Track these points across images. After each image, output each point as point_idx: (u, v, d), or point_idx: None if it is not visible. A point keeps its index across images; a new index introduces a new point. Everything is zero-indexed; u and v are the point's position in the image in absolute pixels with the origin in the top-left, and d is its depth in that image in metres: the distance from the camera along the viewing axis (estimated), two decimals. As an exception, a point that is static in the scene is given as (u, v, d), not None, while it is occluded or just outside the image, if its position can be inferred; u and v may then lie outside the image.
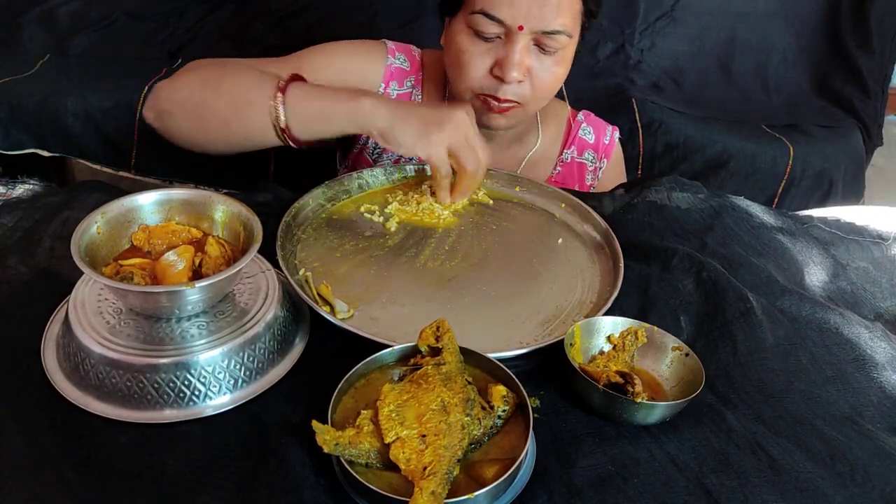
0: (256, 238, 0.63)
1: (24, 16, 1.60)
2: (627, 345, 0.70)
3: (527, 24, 0.93)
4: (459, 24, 0.99)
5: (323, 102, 0.89)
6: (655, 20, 1.76)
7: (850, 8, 1.75)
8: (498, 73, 0.98)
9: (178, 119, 0.93)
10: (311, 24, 1.66)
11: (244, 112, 0.89)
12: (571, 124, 1.24)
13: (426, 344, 0.63)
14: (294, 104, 0.88)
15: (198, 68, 0.97)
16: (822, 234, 0.98)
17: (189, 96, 0.93)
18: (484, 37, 0.97)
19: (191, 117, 0.92)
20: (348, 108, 0.88)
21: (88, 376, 0.61)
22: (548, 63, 0.99)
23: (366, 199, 0.97)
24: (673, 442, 0.62)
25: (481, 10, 0.94)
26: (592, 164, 1.24)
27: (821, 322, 0.79)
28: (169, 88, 0.95)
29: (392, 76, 1.13)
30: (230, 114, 0.90)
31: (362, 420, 0.57)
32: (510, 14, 0.93)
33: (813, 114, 1.74)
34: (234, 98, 0.90)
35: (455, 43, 1.00)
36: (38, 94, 1.39)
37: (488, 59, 0.98)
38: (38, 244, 0.80)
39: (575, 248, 0.91)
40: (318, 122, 0.89)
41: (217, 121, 0.91)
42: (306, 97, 0.89)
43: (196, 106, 0.92)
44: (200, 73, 0.95)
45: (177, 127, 0.94)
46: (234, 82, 0.91)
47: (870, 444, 0.64)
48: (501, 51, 0.97)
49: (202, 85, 0.93)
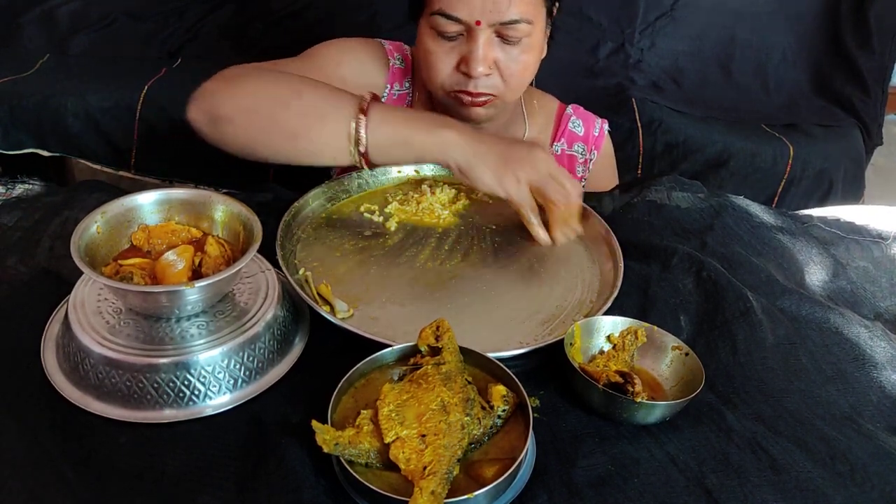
0: (256, 238, 0.63)
1: (24, 16, 1.60)
2: (627, 344, 0.70)
3: (483, 18, 0.94)
4: (423, 26, 1.00)
5: (405, 130, 0.87)
6: (655, 20, 1.77)
7: (850, 7, 1.75)
8: (464, 69, 0.99)
9: (237, 126, 0.88)
10: (311, 24, 1.67)
11: (317, 128, 0.86)
12: (561, 117, 1.24)
13: (426, 343, 0.63)
14: (377, 125, 0.85)
15: (255, 74, 0.92)
16: (822, 234, 0.98)
17: (254, 105, 0.88)
18: (446, 36, 0.98)
19: (254, 126, 0.88)
20: (431, 139, 0.86)
21: (88, 376, 0.61)
22: (514, 53, 1.00)
23: (366, 199, 0.97)
24: (673, 442, 0.62)
25: (439, 10, 0.95)
26: (583, 156, 1.24)
27: (821, 321, 0.79)
28: (228, 92, 0.89)
29: (395, 77, 1.14)
30: (300, 128, 0.86)
31: (362, 420, 0.57)
32: (466, 11, 0.94)
33: (813, 113, 1.74)
34: (306, 112, 0.87)
35: (422, 44, 1.01)
36: (38, 94, 1.39)
37: (454, 57, 0.99)
38: (38, 244, 0.80)
39: (575, 248, 0.91)
40: (398, 148, 0.87)
41: (284, 133, 0.87)
42: (388, 121, 0.86)
43: (261, 116, 0.87)
44: (262, 80, 0.91)
45: (233, 133, 0.88)
46: (309, 95, 0.88)
47: (870, 444, 0.63)
48: (465, 47, 0.98)
49: (268, 95, 0.88)
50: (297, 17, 1.67)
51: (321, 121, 0.86)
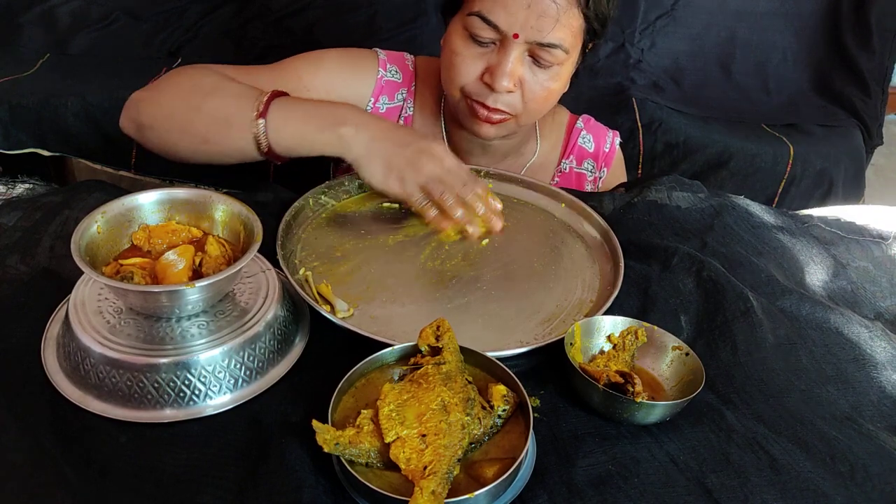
0: (256, 237, 0.63)
1: (24, 15, 1.60)
2: (627, 344, 0.70)
3: (522, 32, 0.91)
4: (457, 24, 0.98)
5: (304, 128, 0.87)
6: (655, 19, 1.77)
7: (851, 7, 1.75)
8: (488, 79, 0.96)
9: (157, 132, 0.91)
10: (311, 24, 1.66)
11: (224, 132, 0.88)
12: (571, 131, 1.21)
13: (426, 343, 0.63)
14: (276, 126, 0.86)
15: (179, 79, 0.94)
16: (823, 234, 0.98)
17: (170, 111, 0.91)
18: (479, 41, 0.95)
19: (171, 132, 0.91)
20: (327, 137, 0.86)
21: (88, 376, 0.61)
22: (542, 77, 0.97)
23: (366, 199, 0.97)
24: (673, 441, 0.62)
25: (478, 12, 0.92)
26: (592, 173, 1.21)
27: (821, 321, 0.79)
28: (149, 100, 0.93)
29: (382, 90, 1.11)
30: (210, 132, 0.89)
31: (362, 419, 0.57)
32: (506, 21, 0.91)
33: (813, 113, 1.74)
34: (214, 117, 0.88)
35: (450, 43, 0.99)
36: (38, 93, 1.38)
37: (480, 64, 0.96)
38: (38, 244, 0.80)
39: (575, 247, 0.91)
40: (299, 145, 0.88)
41: (197, 138, 0.89)
42: (288, 119, 0.87)
43: (175, 121, 0.90)
44: (182, 85, 0.93)
45: (156, 139, 0.92)
46: (216, 99, 0.89)
47: (870, 444, 0.64)
48: (494, 57, 0.95)
49: (183, 100, 0.91)
50: (297, 17, 1.67)
51: (227, 125, 0.87)
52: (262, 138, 0.86)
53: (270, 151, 0.88)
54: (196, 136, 0.89)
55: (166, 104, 0.91)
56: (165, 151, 0.93)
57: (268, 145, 0.87)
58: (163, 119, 0.91)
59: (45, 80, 1.45)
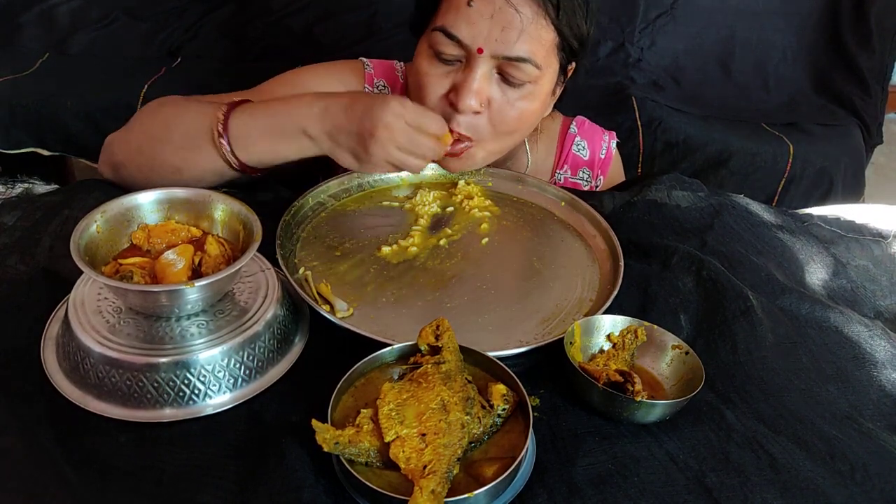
0: (256, 237, 0.63)
1: (24, 15, 1.60)
2: (627, 343, 0.70)
3: (487, 46, 0.86)
4: (423, 44, 0.94)
5: (266, 140, 0.85)
6: (655, 18, 1.76)
7: (850, 6, 1.75)
8: (453, 98, 0.90)
9: (129, 170, 0.90)
10: (310, 24, 1.67)
11: (193, 160, 0.86)
12: (564, 138, 1.17)
13: (426, 343, 0.62)
14: (241, 142, 0.84)
15: (147, 115, 0.92)
16: (822, 233, 0.98)
17: (138, 146, 0.89)
18: (443, 58, 0.90)
19: (142, 169, 0.89)
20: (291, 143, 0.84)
21: (88, 375, 0.61)
22: (513, 96, 0.91)
23: (366, 199, 0.97)
24: (673, 440, 0.62)
25: (441, 26, 0.89)
26: (588, 183, 1.18)
27: (821, 320, 0.79)
28: (119, 140, 0.91)
29: None
30: (180, 161, 0.87)
31: (362, 419, 0.57)
32: (469, 34, 0.87)
33: (813, 112, 1.74)
34: (180, 144, 0.86)
35: (416, 63, 0.95)
36: (38, 93, 1.39)
37: (446, 83, 0.92)
38: (38, 243, 0.80)
39: (575, 247, 0.91)
40: (268, 156, 0.86)
41: (168, 169, 0.87)
42: (250, 135, 0.84)
43: (144, 156, 0.88)
44: (149, 120, 0.91)
45: (130, 178, 0.90)
46: (179, 126, 0.87)
47: (870, 443, 0.63)
48: (460, 76, 0.90)
49: (149, 134, 0.89)
50: (297, 16, 1.67)
51: (194, 151, 0.86)
52: (230, 157, 0.84)
53: (244, 167, 0.86)
54: (167, 167, 0.87)
55: (135, 140, 0.90)
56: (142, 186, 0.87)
57: (238, 162, 0.85)
58: (133, 155, 0.89)
59: (44, 80, 1.45)
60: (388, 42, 1.65)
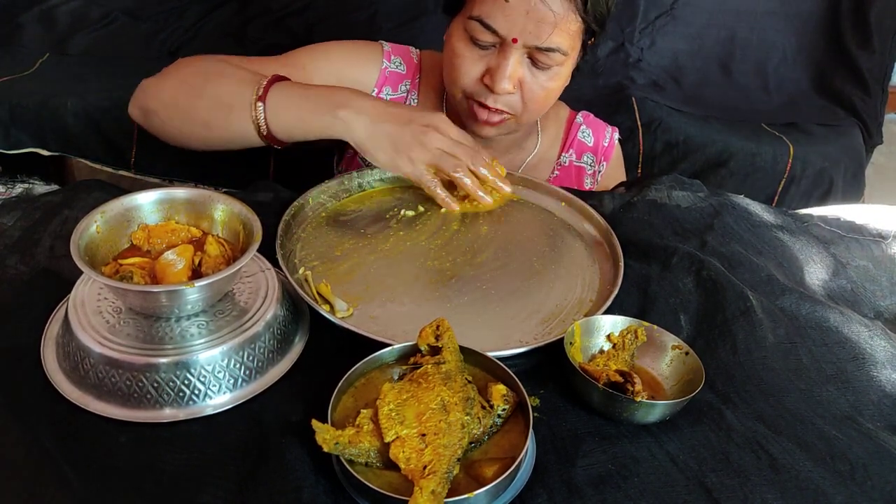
0: (256, 237, 0.63)
1: (24, 15, 1.60)
2: (627, 344, 0.70)
3: (521, 37, 0.93)
4: (458, 26, 0.99)
5: (302, 110, 0.88)
6: (655, 18, 1.77)
7: (850, 6, 1.75)
8: (488, 81, 0.97)
9: (161, 118, 0.94)
10: (311, 24, 1.67)
11: (225, 117, 0.89)
12: (570, 126, 1.23)
13: (426, 343, 0.62)
14: (275, 110, 0.87)
15: (185, 67, 0.96)
16: (822, 233, 0.98)
17: (173, 97, 0.92)
18: (479, 44, 0.96)
19: (174, 118, 0.92)
20: (327, 121, 0.87)
21: (88, 376, 0.61)
22: (541, 78, 0.98)
23: (366, 199, 0.97)
24: (673, 441, 0.62)
25: (478, 17, 0.94)
26: (591, 167, 1.23)
27: (821, 321, 0.79)
28: (155, 87, 0.95)
29: (386, 81, 1.12)
30: (212, 118, 0.90)
31: (362, 419, 0.57)
32: (505, 26, 0.92)
33: (813, 112, 1.74)
34: (215, 102, 0.90)
35: (451, 44, 1.00)
36: (38, 93, 1.39)
37: (480, 66, 0.98)
38: (38, 244, 0.80)
39: (575, 247, 0.91)
40: (297, 128, 0.89)
41: (199, 124, 0.91)
42: (287, 104, 0.88)
43: (179, 108, 0.92)
44: (186, 72, 0.95)
45: (160, 125, 0.94)
46: (217, 85, 0.91)
47: (870, 443, 0.63)
48: (494, 60, 0.96)
49: (186, 87, 0.92)
50: (297, 16, 1.67)
51: (228, 110, 0.89)
52: (262, 122, 0.87)
53: (270, 135, 0.89)
54: (198, 121, 0.90)
55: (170, 90, 0.93)
56: (170, 137, 0.95)
57: (267, 129, 0.88)
58: (166, 105, 0.93)
59: (44, 80, 1.45)
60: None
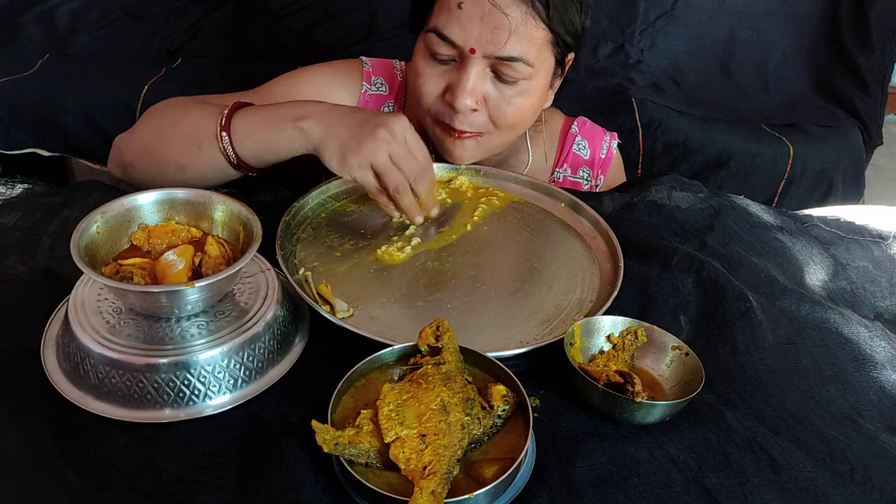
0: (256, 238, 0.63)
1: (24, 15, 1.60)
2: (627, 344, 0.70)
3: (479, 47, 0.88)
4: (419, 44, 0.96)
5: (266, 132, 0.85)
6: (655, 19, 1.76)
7: (850, 7, 1.74)
8: (449, 98, 0.93)
9: (137, 169, 0.92)
10: (310, 24, 1.66)
11: (196, 154, 0.87)
12: (565, 137, 1.18)
13: (426, 343, 0.63)
14: (240, 137, 0.85)
15: (154, 114, 0.94)
16: (822, 234, 0.98)
17: (145, 146, 0.91)
18: (438, 58, 0.93)
19: (149, 166, 0.91)
20: (288, 137, 0.84)
21: (88, 376, 0.61)
22: (508, 93, 0.94)
23: (366, 199, 0.97)
24: (673, 441, 0.62)
25: (434, 28, 0.91)
26: (588, 182, 1.18)
27: (821, 321, 0.79)
28: (126, 140, 0.94)
29: (366, 105, 1.09)
30: (183, 158, 0.88)
31: (362, 420, 0.57)
32: (461, 35, 0.89)
33: (813, 113, 1.74)
34: (184, 141, 0.88)
35: (413, 63, 0.97)
36: (38, 93, 1.39)
37: (441, 83, 0.94)
38: (38, 244, 0.80)
39: (575, 247, 0.91)
40: (265, 151, 0.86)
41: (172, 167, 0.89)
42: (251, 129, 0.86)
43: (152, 155, 0.90)
44: (154, 119, 0.93)
45: (139, 176, 0.93)
46: (182, 125, 0.89)
47: (870, 444, 0.63)
48: (454, 75, 0.93)
49: (155, 133, 0.91)
50: (297, 16, 1.67)
51: (197, 147, 0.87)
52: (230, 152, 0.86)
53: (241, 163, 0.87)
54: (171, 164, 0.89)
55: (140, 140, 0.92)
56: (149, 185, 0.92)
57: (236, 157, 0.86)
58: (139, 155, 0.92)
59: (44, 80, 1.45)
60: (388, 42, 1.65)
